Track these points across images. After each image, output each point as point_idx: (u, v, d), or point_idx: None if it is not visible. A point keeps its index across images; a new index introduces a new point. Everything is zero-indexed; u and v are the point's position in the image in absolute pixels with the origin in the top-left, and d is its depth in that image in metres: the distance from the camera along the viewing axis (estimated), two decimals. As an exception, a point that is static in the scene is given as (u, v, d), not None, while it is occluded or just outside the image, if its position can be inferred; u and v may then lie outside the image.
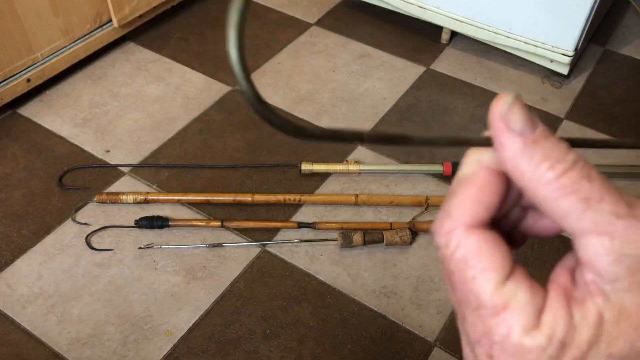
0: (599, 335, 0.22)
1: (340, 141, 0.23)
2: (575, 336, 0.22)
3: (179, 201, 1.23)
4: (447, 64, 1.63)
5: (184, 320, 1.06)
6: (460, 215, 0.24)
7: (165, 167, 1.32)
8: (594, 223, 0.22)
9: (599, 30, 1.74)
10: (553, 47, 1.49)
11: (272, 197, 1.23)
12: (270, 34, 1.70)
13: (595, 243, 0.22)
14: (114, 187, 1.27)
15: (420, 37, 1.70)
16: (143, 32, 1.66)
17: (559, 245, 1.17)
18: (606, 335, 0.21)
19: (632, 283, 0.21)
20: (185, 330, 1.05)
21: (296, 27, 1.73)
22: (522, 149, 0.23)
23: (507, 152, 0.23)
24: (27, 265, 1.13)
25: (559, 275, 0.24)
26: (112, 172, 1.30)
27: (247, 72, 0.20)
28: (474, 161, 0.25)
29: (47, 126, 1.40)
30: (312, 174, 1.31)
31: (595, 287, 0.22)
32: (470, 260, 0.23)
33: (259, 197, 1.23)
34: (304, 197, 1.24)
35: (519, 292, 0.23)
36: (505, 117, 0.23)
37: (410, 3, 1.62)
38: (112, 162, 1.32)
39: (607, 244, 0.22)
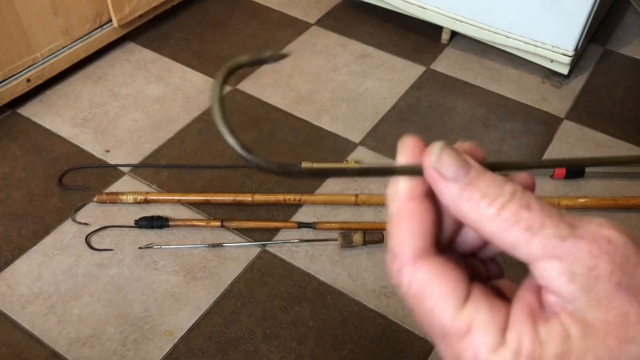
0: (568, 351, 0.22)
1: (324, 176, 0.25)
2: (543, 352, 0.22)
3: (179, 201, 1.23)
4: (447, 63, 1.63)
5: (184, 320, 1.06)
6: (403, 252, 0.25)
7: (165, 167, 1.32)
8: (541, 249, 0.22)
9: (599, 30, 1.74)
10: (553, 47, 1.49)
11: (272, 197, 1.23)
12: (270, 33, 1.70)
13: (546, 267, 0.22)
14: (113, 187, 1.27)
15: (420, 37, 1.70)
16: (143, 32, 1.66)
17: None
18: (575, 351, 0.22)
19: (590, 300, 0.22)
20: (185, 330, 1.05)
21: (296, 27, 1.73)
22: (459, 193, 0.24)
23: (446, 198, 0.24)
24: (26, 265, 1.13)
25: (525, 293, 0.24)
26: (112, 172, 1.30)
27: (232, 131, 0.24)
28: (394, 196, 0.26)
29: (47, 126, 1.40)
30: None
31: (559, 307, 0.22)
32: (424, 292, 0.24)
33: (259, 197, 1.23)
34: (304, 197, 1.24)
35: (479, 313, 0.23)
36: (437, 166, 0.24)
37: (411, 3, 1.62)
38: (112, 162, 1.32)
39: (557, 266, 0.22)
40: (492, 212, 0.23)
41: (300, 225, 1.19)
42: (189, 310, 1.07)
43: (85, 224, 1.19)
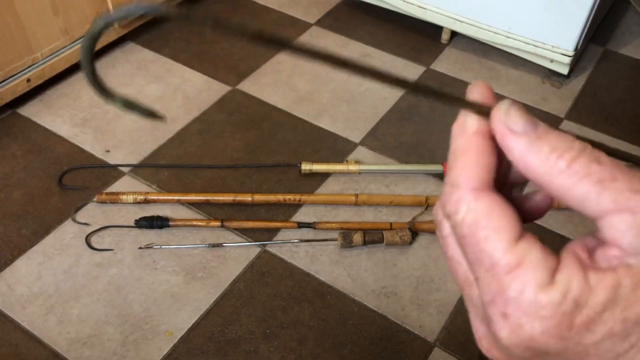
0: (615, 299, 0.22)
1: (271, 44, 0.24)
2: (590, 297, 0.22)
3: (178, 201, 1.23)
4: (447, 64, 1.63)
5: (183, 320, 1.06)
6: (466, 181, 0.25)
7: (165, 167, 1.32)
8: (612, 202, 0.22)
9: (599, 30, 1.74)
10: (553, 47, 1.49)
11: (272, 197, 1.23)
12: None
13: (617, 220, 0.22)
14: (113, 187, 1.27)
15: (420, 37, 1.70)
16: (143, 31, 1.66)
17: (559, 245, 1.17)
18: (622, 299, 0.22)
19: None
20: (185, 331, 1.05)
21: (296, 27, 1.73)
22: (528, 146, 0.24)
23: (516, 152, 0.24)
24: (26, 266, 1.13)
25: (575, 246, 0.24)
26: (112, 172, 1.30)
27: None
28: (462, 131, 0.26)
29: (47, 126, 1.39)
30: (312, 174, 1.30)
31: (619, 261, 0.22)
32: (481, 222, 0.24)
33: (259, 197, 1.23)
34: (304, 197, 1.24)
35: (532, 251, 0.23)
36: (505, 121, 0.24)
37: (411, 3, 1.62)
38: (112, 162, 1.32)
39: (629, 219, 0.22)
40: (562, 164, 0.23)
41: (300, 225, 1.19)
42: (188, 311, 1.07)
43: (85, 224, 1.19)
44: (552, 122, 1.47)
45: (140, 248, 1.16)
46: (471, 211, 0.24)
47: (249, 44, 1.76)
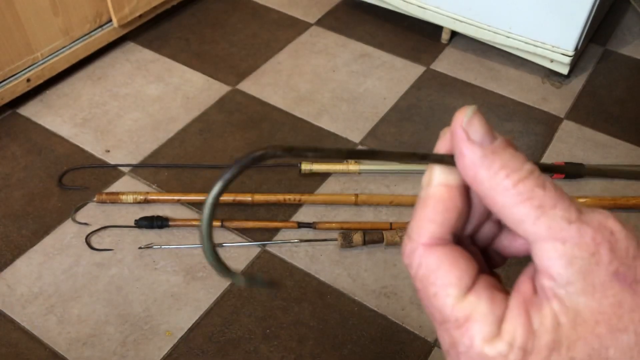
0: (558, 340, 0.22)
1: None
2: (535, 341, 0.22)
3: (178, 201, 1.23)
4: (447, 63, 1.62)
5: (183, 320, 1.06)
6: (418, 236, 0.25)
7: (165, 167, 1.32)
8: (547, 228, 0.23)
9: (599, 30, 1.74)
10: (553, 46, 1.49)
11: (272, 197, 1.23)
12: (270, 33, 1.70)
13: (548, 248, 0.23)
14: (113, 187, 1.27)
15: (420, 36, 1.70)
16: (143, 31, 1.66)
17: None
18: (565, 339, 0.22)
19: (585, 286, 0.22)
20: (185, 331, 1.05)
21: (296, 27, 1.73)
22: (481, 157, 0.24)
23: (467, 160, 0.24)
24: (26, 265, 1.13)
25: (522, 284, 0.24)
26: (111, 172, 1.30)
27: (216, 256, 0.26)
28: (427, 183, 0.26)
29: (47, 126, 1.39)
30: (312, 174, 1.30)
31: (551, 292, 0.23)
32: (430, 278, 0.24)
33: (259, 197, 1.23)
34: (304, 197, 1.24)
35: (479, 304, 0.24)
36: (465, 127, 0.25)
37: (410, 3, 1.62)
38: (112, 162, 1.32)
39: (559, 247, 0.22)
40: (508, 183, 0.23)
41: (300, 225, 1.19)
42: (188, 310, 1.07)
43: (85, 224, 1.19)
44: (552, 122, 1.47)
45: (140, 248, 1.16)
46: (422, 266, 0.25)
47: (249, 44, 1.75)
